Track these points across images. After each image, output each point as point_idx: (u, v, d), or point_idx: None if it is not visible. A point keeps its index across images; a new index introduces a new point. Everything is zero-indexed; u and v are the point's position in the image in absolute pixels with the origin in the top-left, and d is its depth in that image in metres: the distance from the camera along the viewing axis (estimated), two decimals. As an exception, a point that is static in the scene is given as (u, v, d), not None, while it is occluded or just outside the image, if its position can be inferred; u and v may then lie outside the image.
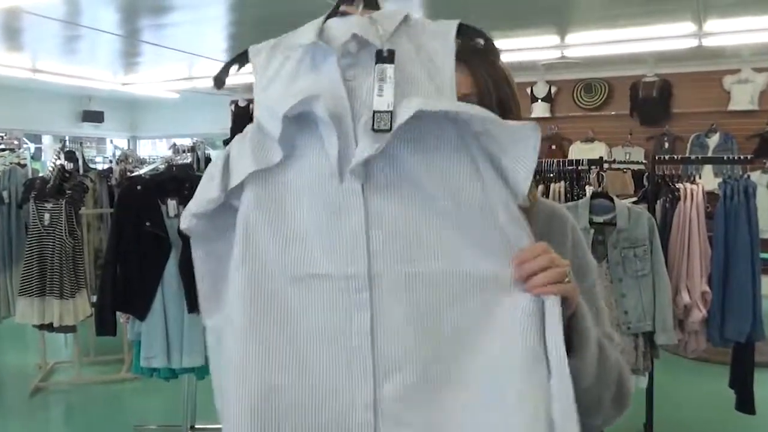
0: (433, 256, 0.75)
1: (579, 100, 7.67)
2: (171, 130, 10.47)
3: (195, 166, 3.93)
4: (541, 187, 3.60)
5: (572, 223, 1.03)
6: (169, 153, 4.35)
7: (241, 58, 0.87)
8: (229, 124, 9.55)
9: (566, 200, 3.44)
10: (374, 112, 0.75)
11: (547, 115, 7.76)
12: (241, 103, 9.54)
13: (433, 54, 0.79)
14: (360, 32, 0.79)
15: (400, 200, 0.76)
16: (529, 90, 7.74)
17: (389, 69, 0.76)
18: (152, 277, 2.89)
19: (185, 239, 0.84)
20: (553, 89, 7.73)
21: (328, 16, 0.84)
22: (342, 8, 0.85)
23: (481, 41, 0.82)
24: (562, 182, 3.56)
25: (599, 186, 3.02)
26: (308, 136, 0.79)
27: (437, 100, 0.76)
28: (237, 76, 0.91)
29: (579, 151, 7.37)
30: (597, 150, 7.26)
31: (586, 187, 3.40)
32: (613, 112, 7.52)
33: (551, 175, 3.61)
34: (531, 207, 0.85)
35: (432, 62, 0.79)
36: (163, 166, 3.30)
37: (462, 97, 0.92)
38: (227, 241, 0.80)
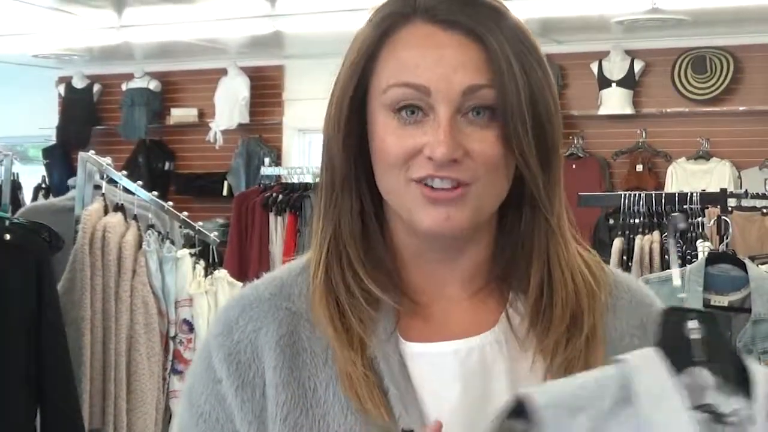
0: None
1: (684, 86, 7.80)
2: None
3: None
4: (617, 243, 3.61)
5: None
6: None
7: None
8: (56, 119, 9.48)
9: (662, 266, 3.46)
10: None
11: (628, 111, 7.87)
12: (78, 83, 9.47)
13: None
14: None
15: None
16: (595, 67, 7.86)
17: None
18: None
19: None
20: (638, 66, 7.86)
21: None
22: None
23: None
24: (656, 233, 3.59)
25: (721, 240, 3.05)
26: None
27: None
28: (72, 33, 0.90)
29: (684, 177, 7.46)
30: (716, 175, 7.36)
31: (698, 242, 3.43)
32: (742, 108, 7.67)
33: (635, 221, 3.63)
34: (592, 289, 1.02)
35: None
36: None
37: (467, 90, 0.96)
38: None
